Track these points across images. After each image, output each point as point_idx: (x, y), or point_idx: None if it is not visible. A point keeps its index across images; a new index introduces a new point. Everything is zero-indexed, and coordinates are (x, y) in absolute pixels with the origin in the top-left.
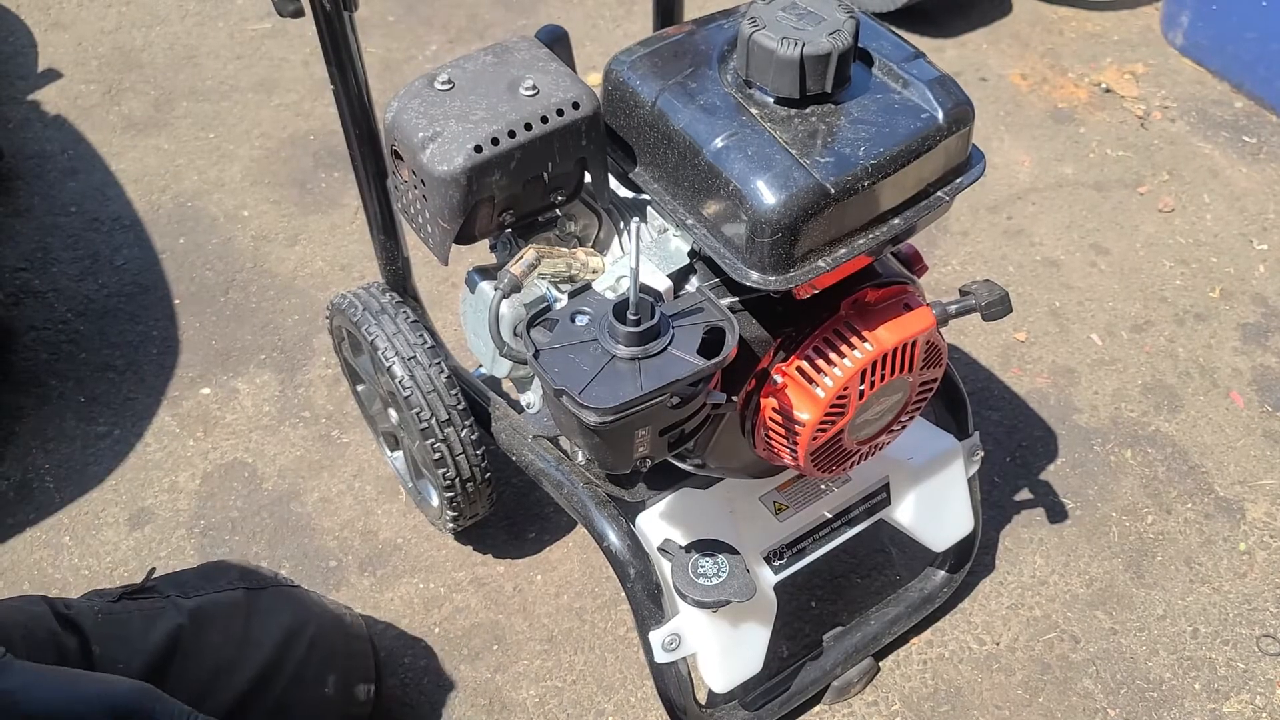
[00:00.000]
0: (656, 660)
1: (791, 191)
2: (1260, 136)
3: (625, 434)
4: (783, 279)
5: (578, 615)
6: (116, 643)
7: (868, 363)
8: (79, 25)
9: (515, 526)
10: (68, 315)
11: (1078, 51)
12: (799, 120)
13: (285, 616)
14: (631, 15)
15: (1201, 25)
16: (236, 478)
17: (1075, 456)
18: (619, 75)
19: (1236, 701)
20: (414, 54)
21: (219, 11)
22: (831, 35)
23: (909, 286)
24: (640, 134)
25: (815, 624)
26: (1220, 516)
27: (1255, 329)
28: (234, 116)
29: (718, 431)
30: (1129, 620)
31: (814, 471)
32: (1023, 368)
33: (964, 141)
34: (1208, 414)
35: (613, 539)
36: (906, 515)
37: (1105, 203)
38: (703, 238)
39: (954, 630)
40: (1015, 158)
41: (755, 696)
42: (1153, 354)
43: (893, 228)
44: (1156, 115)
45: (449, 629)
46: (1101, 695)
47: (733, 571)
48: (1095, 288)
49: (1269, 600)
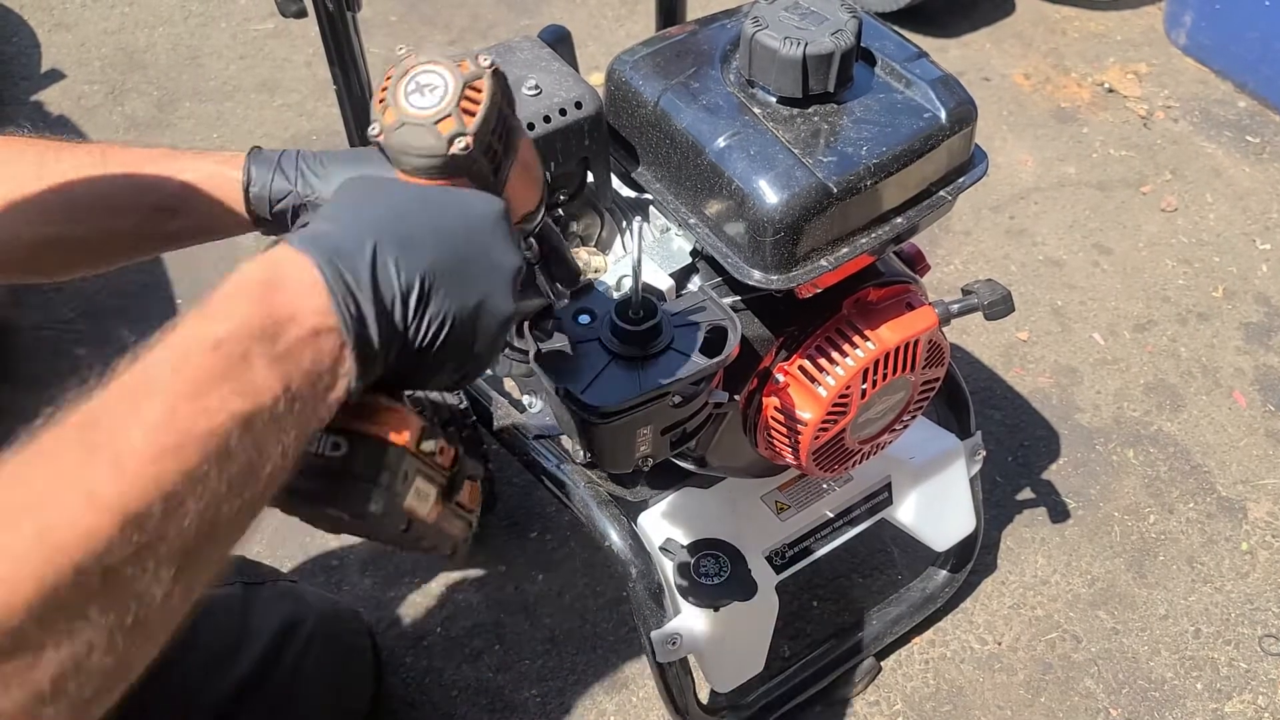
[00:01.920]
0: (658, 660)
1: (794, 191)
2: (1263, 136)
3: (627, 433)
4: (785, 278)
5: (579, 615)
6: None
7: (870, 362)
8: (82, 26)
9: (517, 526)
10: (70, 314)
11: (1081, 51)
12: (801, 120)
13: (283, 611)
14: (634, 15)
15: (1205, 25)
16: None
17: (1077, 456)
18: (621, 75)
19: (1239, 701)
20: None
21: (222, 12)
22: (834, 35)
23: (911, 286)
24: (643, 134)
25: (817, 624)
26: (1222, 516)
27: (1258, 328)
28: (237, 117)
29: (720, 431)
30: (1131, 620)
31: (816, 471)
32: (1025, 367)
33: (967, 141)
34: (1210, 413)
35: (614, 538)
36: (908, 515)
37: (1108, 202)
38: (705, 237)
39: (956, 630)
40: (1018, 157)
41: (757, 696)
42: (1155, 353)
43: (895, 227)
44: (1159, 115)
45: (450, 628)
46: (1103, 695)
47: (734, 571)
48: (1098, 287)
49: (1271, 600)
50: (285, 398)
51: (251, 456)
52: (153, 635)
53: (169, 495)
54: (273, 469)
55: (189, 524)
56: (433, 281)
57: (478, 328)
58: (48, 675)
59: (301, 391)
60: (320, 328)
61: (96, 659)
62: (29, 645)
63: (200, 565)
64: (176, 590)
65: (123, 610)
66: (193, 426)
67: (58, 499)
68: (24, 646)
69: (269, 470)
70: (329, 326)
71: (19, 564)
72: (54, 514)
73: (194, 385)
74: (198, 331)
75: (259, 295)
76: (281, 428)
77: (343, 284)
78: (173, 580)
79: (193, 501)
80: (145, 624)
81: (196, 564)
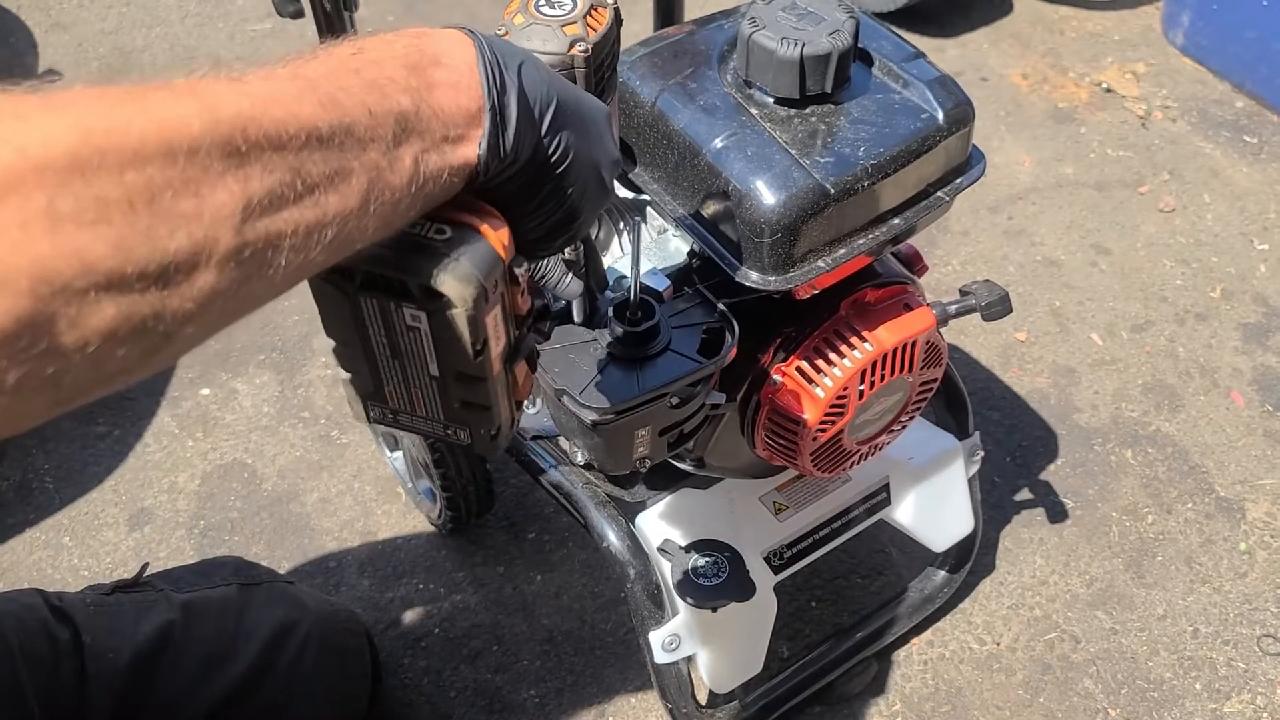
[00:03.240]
0: (656, 661)
1: (791, 191)
2: (1261, 136)
3: (625, 434)
4: (782, 279)
5: (578, 616)
6: (107, 633)
7: (868, 363)
8: (79, 26)
9: (515, 527)
10: None
11: (1079, 51)
12: (799, 120)
13: (279, 612)
14: (631, 15)
15: (1202, 25)
16: (236, 478)
17: (1075, 456)
18: (619, 76)
19: (1237, 701)
20: None
21: (219, 12)
22: (831, 35)
23: (909, 286)
24: (640, 134)
25: (815, 624)
26: (1221, 516)
27: (1256, 329)
28: None
29: (717, 432)
30: (1129, 620)
31: (814, 472)
32: (1023, 368)
33: (964, 141)
34: (1208, 414)
35: (612, 539)
36: (907, 515)
37: (1106, 203)
38: (702, 238)
39: (954, 630)
40: (1016, 158)
41: (755, 697)
42: (1153, 354)
43: (893, 228)
44: (1157, 115)
45: (449, 629)
46: (1102, 695)
47: (732, 572)
48: (1096, 287)
49: (1269, 600)
50: (414, 118)
51: (363, 146)
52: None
53: (281, 119)
54: (380, 182)
55: (297, 155)
56: (567, 113)
57: (590, 177)
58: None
59: (430, 125)
60: (464, 79)
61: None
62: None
63: (263, 261)
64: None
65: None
66: (315, 90)
67: (163, 102)
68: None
69: (373, 181)
70: (472, 83)
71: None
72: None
73: (326, 70)
74: (342, 45)
75: (411, 35)
76: (401, 144)
77: (495, 60)
78: (299, 193)
79: (300, 140)
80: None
81: (265, 255)
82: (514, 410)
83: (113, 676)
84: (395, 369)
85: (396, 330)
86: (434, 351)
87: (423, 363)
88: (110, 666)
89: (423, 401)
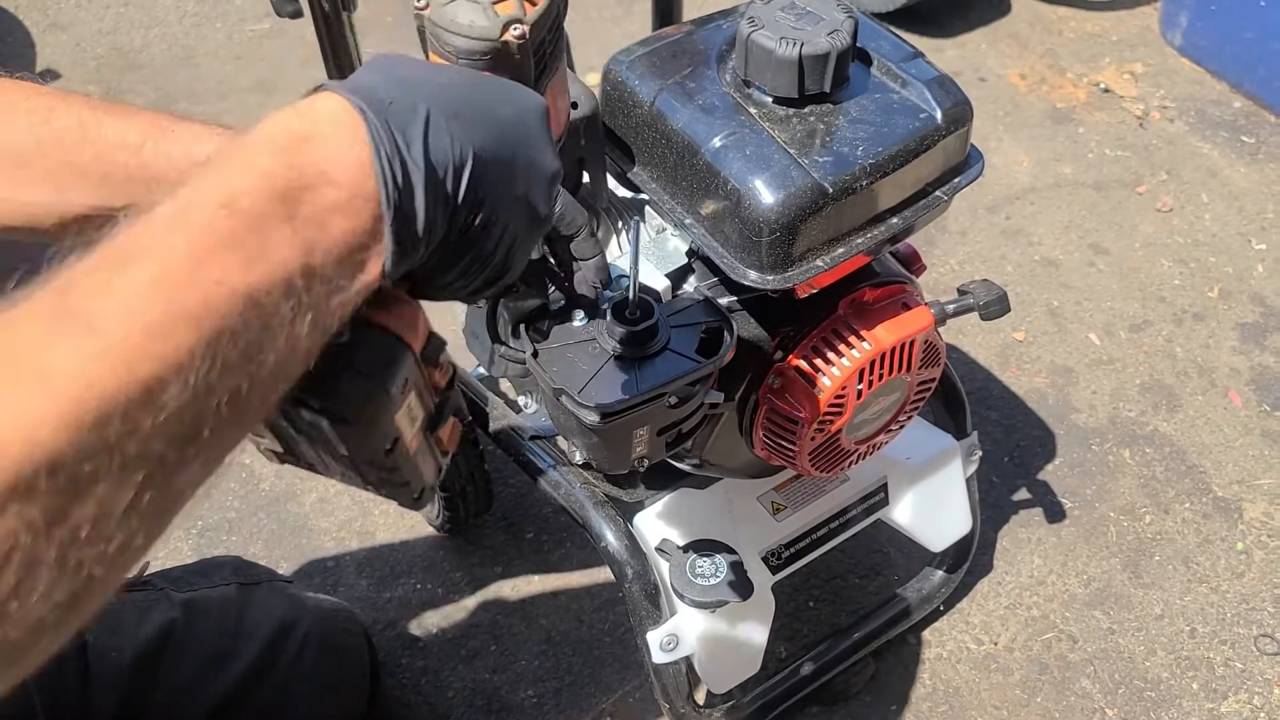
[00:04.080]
0: (654, 661)
1: (790, 191)
2: (1259, 136)
3: (623, 434)
4: (781, 278)
5: (576, 616)
6: (109, 632)
7: (866, 362)
8: (77, 26)
9: (513, 527)
10: None
11: (1077, 51)
12: (797, 120)
13: (278, 612)
14: (630, 15)
15: (1200, 25)
16: (234, 478)
17: (1073, 456)
18: (617, 75)
19: (1234, 701)
20: (413, 55)
21: (217, 12)
22: (830, 35)
23: (907, 286)
24: (639, 134)
25: (813, 624)
26: (1218, 516)
27: (1253, 328)
28: (233, 117)
29: (716, 431)
30: (1127, 620)
31: (812, 471)
32: (1021, 367)
33: (962, 141)
34: (1206, 414)
35: (610, 539)
36: (904, 515)
37: (1104, 202)
38: (701, 237)
39: (952, 630)
40: (1014, 157)
41: (753, 697)
42: (1151, 354)
43: (891, 227)
44: (1155, 115)
45: (447, 629)
46: (1099, 695)
47: (731, 572)
48: (1094, 287)
49: (1267, 600)
50: (303, 274)
51: (254, 343)
52: (111, 557)
53: (146, 381)
54: (278, 361)
55: (167, 418)
56: (485, 162)
57: (518, 226)
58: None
59: (324, 269)
60: (356, 193)
61: (43, 577)
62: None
63: (178, 472)
64: (145, 500)
65: (75, 521)
66: (184, 298)
67: (8, 377)
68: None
69: (273, 362)
70: (367, 193)
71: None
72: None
73: (191, 250)
74: (207, 187)
75: (286, 146)
76: (296, 311)
77: (392, 143)
78: (140, 486)
79: (175, 389)
80: (102, 538)
81: (174, 471)
82: (440, 464)
83: (116, 675)
84: (303, 442)
85: (300, 423)
86: (342, 443)
87: (331, 448)
88: (113, 665)
89: (338, 470)
